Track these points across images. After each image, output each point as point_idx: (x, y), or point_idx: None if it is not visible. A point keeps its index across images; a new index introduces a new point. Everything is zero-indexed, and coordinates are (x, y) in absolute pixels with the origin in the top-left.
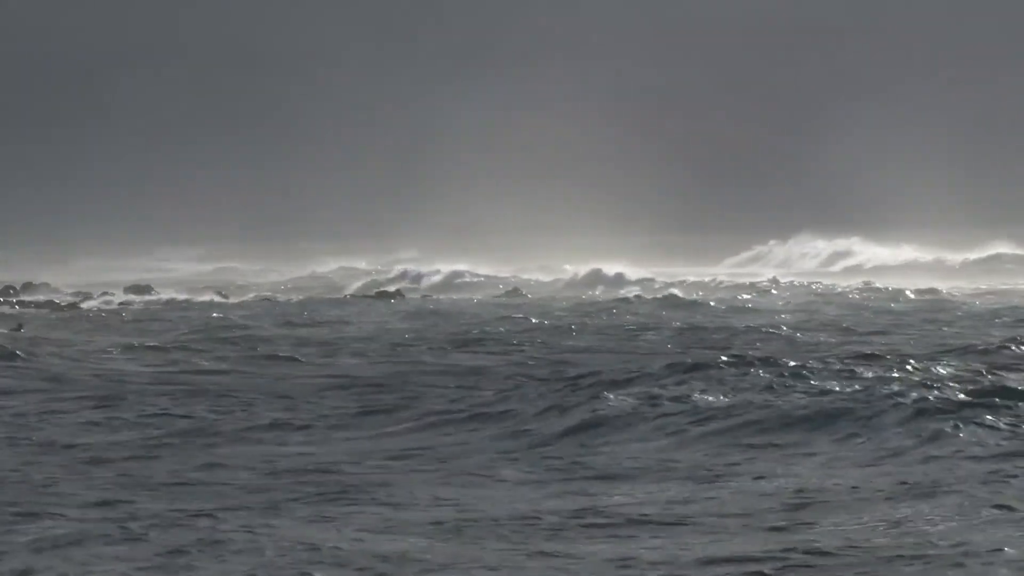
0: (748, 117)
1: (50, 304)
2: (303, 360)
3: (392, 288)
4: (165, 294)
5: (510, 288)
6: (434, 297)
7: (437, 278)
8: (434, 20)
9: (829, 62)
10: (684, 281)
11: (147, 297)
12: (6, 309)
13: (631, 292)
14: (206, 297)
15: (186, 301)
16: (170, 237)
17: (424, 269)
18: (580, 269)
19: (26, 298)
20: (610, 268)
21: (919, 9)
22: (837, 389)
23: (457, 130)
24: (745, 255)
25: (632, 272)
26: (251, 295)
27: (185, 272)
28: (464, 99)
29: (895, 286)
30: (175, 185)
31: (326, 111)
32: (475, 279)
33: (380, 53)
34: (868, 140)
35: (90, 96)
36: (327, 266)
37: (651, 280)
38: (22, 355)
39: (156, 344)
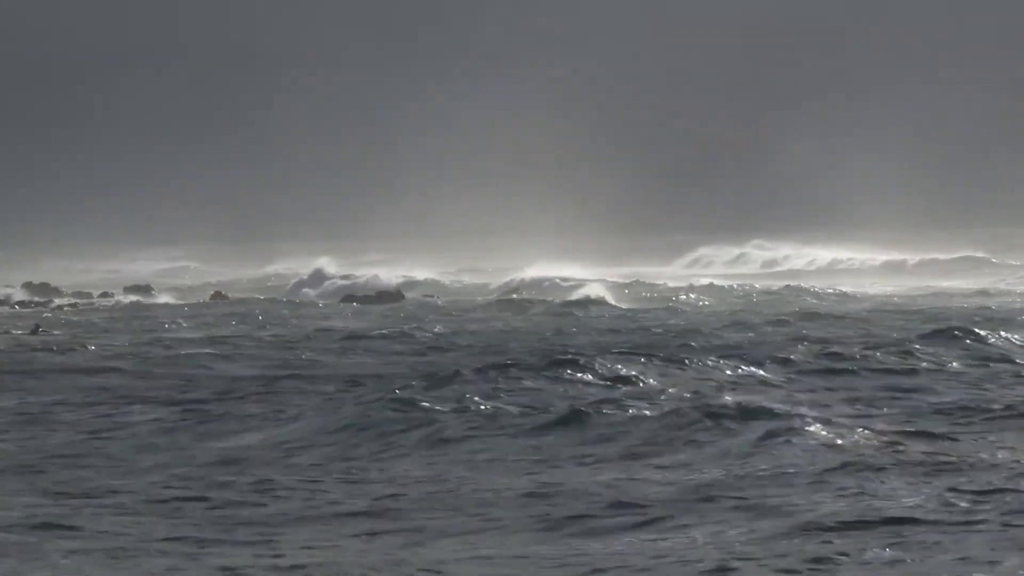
0: (720, 117)
1: (48, 304)
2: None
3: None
4: (162, 295)
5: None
6: (438, 298)
7: (361, 279)
8: (417, 23)
9: (798, 63)
10: (622, 283)
11: (146, 299)
12: (5, 309)
13: (563, 296)
14: (202, 298)
15: (181, 303)
16: (149, 237)
17: (341, 272)
18: (525, 273)
19: (26, 299)
20: (557, 271)
21: (890, 10)
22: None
23: (432, 133)
24: (694, 255)
25: (580, 273)
26: (240, 294)
27: (155, 271)
28: (442, 101)
29: (832, 287)
30: (155, 186)
31: (306, 113)
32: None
33: (363, 55)
34: (833, 141)
35: (75, 98)
36: (301, 267)
37: (584, 282)
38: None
39: (166, 344)
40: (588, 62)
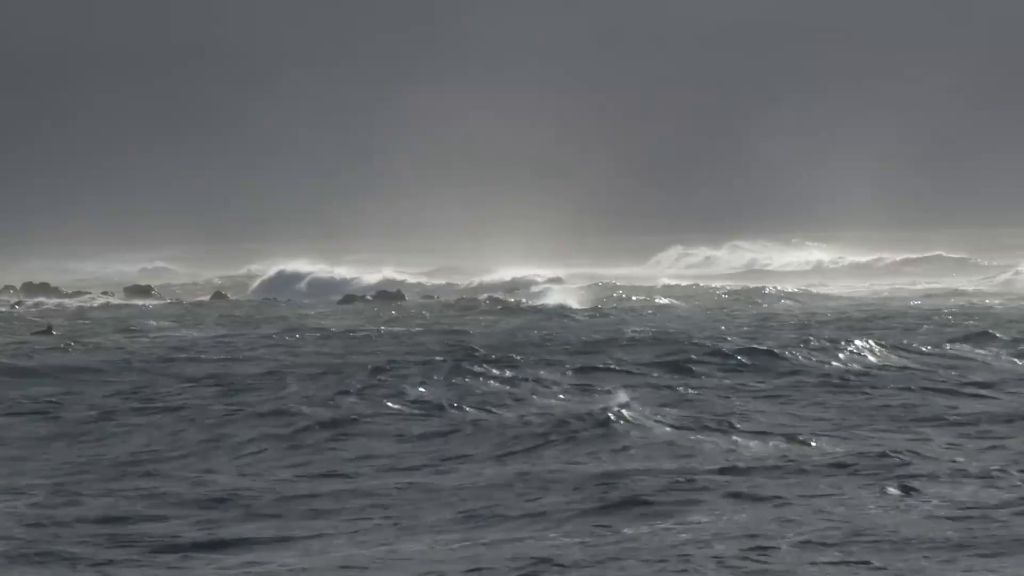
0: (700, 119)
1: (48, 304)
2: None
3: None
4: (164, 296)
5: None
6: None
7: (326, 279)
8: (397, 28)
9: (769, 62)
10: (594, 284)
11: (147, 299)
12: (4, 310)
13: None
14: (203, 298)
15: (182, 303)
16: (126, 239)
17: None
18: (500, 274)
19: (26, 299)
20: (535, 272)
21: (869, 11)
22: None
23: (410, 135)
24: (671, 255)
25: (553, 273)
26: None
27: (136, 272)
28: (420, 105)
29: (802, 288)
30: (136, 187)
31: (287, 116)
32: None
33: (343, 59)
34: (813, 142)
35: (55, 100)
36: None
37: (551, 283)
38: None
39: (171, 344)
40: (570, 64)
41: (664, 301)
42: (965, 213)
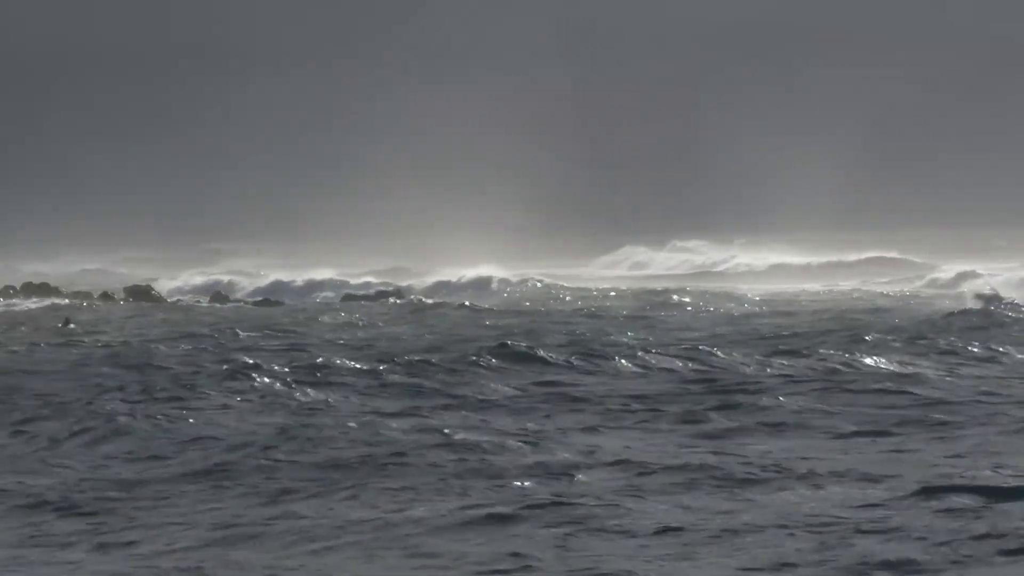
0: (656, 120)
1: (49, 305)
2: None
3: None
4: (165, 296)
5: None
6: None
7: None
8: (365, 29)
9: (728, 63)
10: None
11: (147, 300)
12: (4, 309)
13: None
14: (203, 298)
15: (181, 304)
16: (89, 239)
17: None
18: (470, 273)
19: (25, 299)
20: (488, 272)
21: (827, 10)
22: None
23: (409, 136)
24: (619, 257)
25: (498, 273)
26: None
27: (86, 271)
28: (414, 105)
29: (735, 289)
30: (101, 188)
31: (254, 116)
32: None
33: (309, 59)
34: (769, 143)
35: (49, 99)
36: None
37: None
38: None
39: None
40: (537, 65)
41: (606, 302)
42: (911, 214)
